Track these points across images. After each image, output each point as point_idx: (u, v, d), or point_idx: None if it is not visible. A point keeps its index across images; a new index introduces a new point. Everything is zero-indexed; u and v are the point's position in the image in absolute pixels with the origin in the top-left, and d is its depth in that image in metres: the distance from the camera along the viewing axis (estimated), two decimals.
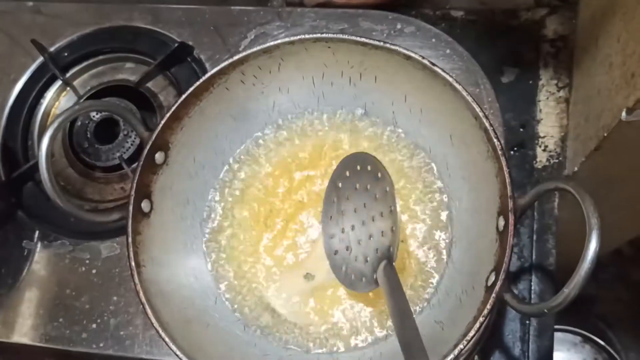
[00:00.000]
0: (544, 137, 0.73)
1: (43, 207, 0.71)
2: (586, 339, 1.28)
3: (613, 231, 0.96)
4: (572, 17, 0.76)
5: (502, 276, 0.47)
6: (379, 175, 0.53)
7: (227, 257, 0.61)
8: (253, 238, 0.61)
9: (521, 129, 0.74)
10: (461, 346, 0.46)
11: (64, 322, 0.66)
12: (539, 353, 0.67)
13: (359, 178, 0.55)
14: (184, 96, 0.56)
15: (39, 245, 0.71)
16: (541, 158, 0.73)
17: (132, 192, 0.54)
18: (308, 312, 0.58)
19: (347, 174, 0.56)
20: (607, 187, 0.73)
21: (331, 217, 0.57)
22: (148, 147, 0.56)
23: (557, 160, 0.73)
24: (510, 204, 0.48)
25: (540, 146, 0.73)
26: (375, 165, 0.53)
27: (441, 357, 0.47)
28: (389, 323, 0.56)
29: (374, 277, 0.53)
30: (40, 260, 0.70)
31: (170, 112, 0.56)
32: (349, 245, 0.56)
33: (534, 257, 0.70)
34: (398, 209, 0.51)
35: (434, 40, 0.70)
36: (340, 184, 0.57)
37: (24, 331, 0.67)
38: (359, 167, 0.55)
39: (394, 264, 0.51)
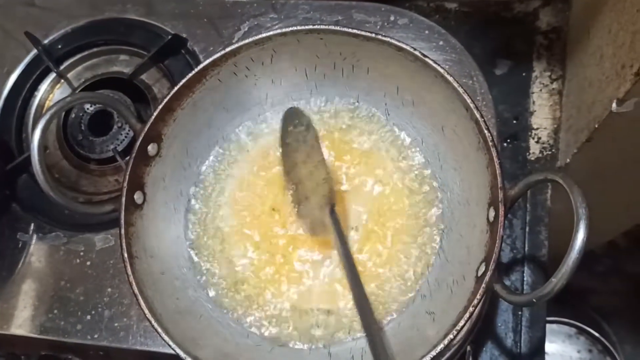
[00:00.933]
0: (537, 129, 0.74)
1: (37, 199, 0.71)
2: (581, 331, 1.28)
3: (607, 223, 0.97)
4: (566, 9, 0.76)
5: (492, 266, 0.47)
6: (307, 125, 0.55)
7: (220, 248, 0.61)
8: (246, 230, 0.61)
9: (514, 121, 0.74)
10: (451, 336, 0.47)
11: (59, 314, 0.66)
12: (530, 343, 0.67)
13: (298, 133, 0.56)
14: (176, 88, 0.57)
15: (34, 237, 0.71)
16: (534, 150, 0.73)
17: (125, 184, 0.54)
18: (299, 305, 0.58)
19: (290, 128, 0.57)
20: (600, 178, 0.74)
21: (288, 172, 0.58)
22: (140, 139, 0.56)
23: (550, 152, 0.73)
24: (501, 195, 0.49)
25: (533, 138, 0.74)
26: (303, 116, 0.55)
27: (431, 347, 0.47)
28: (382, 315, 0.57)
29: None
30: (35, 252, 0.70)
31: (163, 104, 0.56)
32: (307, 196, 0.56)
33: (526, 248, 0.70)
34: (326, 156, 0.54)
35: (427, 32, 0.70)
36: (288, 140, 0.58)
37: (19, 323, 0.67)
38: (296, 121, 0.56)
39: (335, 209, 0.54)
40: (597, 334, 1.27)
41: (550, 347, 1.28)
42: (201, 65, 0.57)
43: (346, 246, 0.51)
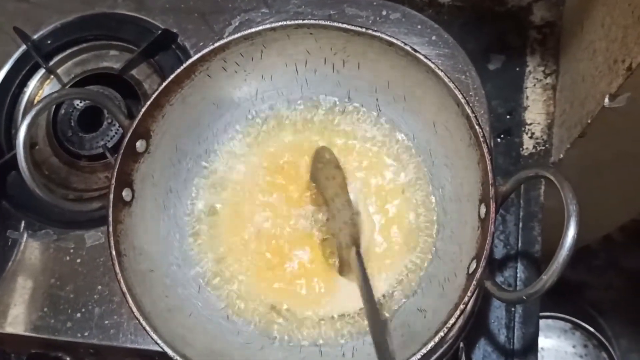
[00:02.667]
0: (530, 124, 0.73)
1: (27, 196, 0.70)
2: (576, 326, 1.29)
3: (603, 217, 0.96)
4: (559, 4, 0.75)
5: (482, 263, 0.47)
6: (337, 165, 0.55)
7: (209, 246, 0.60)
8: (236, 227, 0.60)
9: (508, 116, 0.74)
10: (442, 333, 0.46)
11: (49, 312, 0.66)
12: (524, 340, 0.67)
13: (328, 169, 0.56)
14: (164, 84, 0.56)
15: (24, 235, 0.70)
16: (527, 145, 0.73)
17: (113, 181, 0.54)
18: (291, 305, 0.58)
19: (320, 166, 0.57)
20: (594, 173, 0.73)
21: (320, 207, 0.58)
22: (129, 135, 0.55)
23: (543, 148, 0.72)
24: (492, 191, 0.48)
25: (526, 133, 0.73)
26: (332, 155, 0.55)
27: (422, 345, 0.47)
28: None
29: None
30: (25, 250, 0.69)
31: (151, 99, 0.56)
32: (335, 233, 0.56)
33: (519, 244, 0.70)
34: (350, 197, 0.54)
35: (419, 26, 0.69)
36: (318, 177, 0.58)
37: (9, 321, 0.66)
38: (327, 156, 0.56)
39: (360, 250, 0.53)
40: (592, 329, 1.27)
41: (545, 342, 1.28)
42: (190, 61, 0.56)
43: (369, 290, 0.51)
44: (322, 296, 0.58)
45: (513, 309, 0.67)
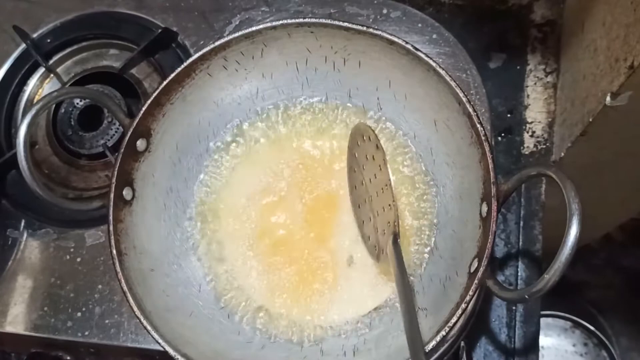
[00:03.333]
0: (531, 122, 0.73)
1: (27, 195, 0.70)
2: (576, 324, 1.29)
3: (603, 216, 0.96)
4: (560, 2, 0.75)
5: (484, 263, 0.47)
6: (377, 146, 0.52)
7: (211, 245, 0.60)
8: (237, 226, 0.60)
9: (508, 115, 0.74)
10: (443, 332, 0.46)
11: (49, 311, 0.66)
12: (525, 338, 0.67)
13: (367, 148, 0.54)
14: (165, 82, 0.56)
15: (24, 234, 0.70)
16: (528, 144, 0.73)
17: (113, 180, 0.54)
18: (291, 302, 0.58)
19: (359, 143, 0.55)
20: (594, 172, 0.73)
21: (355, 186, 0.57)
22: (129, 134, 0.55)
23: (544, 146, 0.72)
24: (493, 190, 0.48)
25: (527, 132, 0.73)
26: (374, 136, 0.52)
27: (423, 344, 0.47)
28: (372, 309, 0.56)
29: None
30: (25, 249, 0.69)
31: (151, 98, 0.56)
32: (371, 216, 0.55)
33: (520, 243, 0.69)
34: (391, 181, 0.51)
35: (420, 25, 0.69)
36: (356, 154, 0.56)
37: (9, 320, 0.66)
38: (364, 137, 0.54)
39: (398, 240, 0.51)
40: (592, 328, 1.27)
41: (545, 341, 1.28)
42: (190, 60, 0.56)
43: (406, 279, 0.48)
44: (325, 303, 0.57)
45: (514, 307, 0.67)
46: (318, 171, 0.61)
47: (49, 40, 0.77)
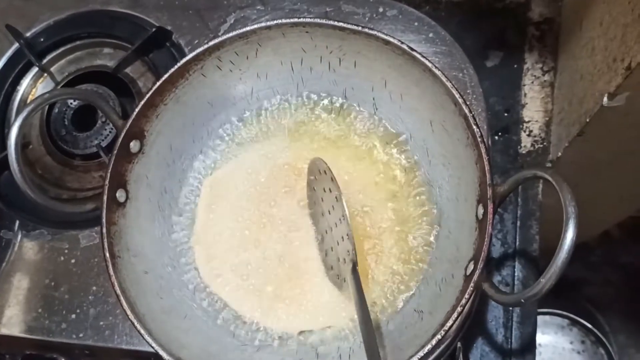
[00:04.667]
0: (528, 121, 0.73)
1: (21, 196, 0.69)
2: (574, 322, 1.28)
3: (601, 215, 0.96)
4: (558, 0, 0.75)
5: (480, 265, 0.46)
6: (332, 179, 0.53)
7: (205, 247, 0.60)
8: (231, 228, 0.60)
9: (505, 114, 0.73)
10: (439, 336, 0.46)
11: (43, 313, 0.65)
12: (521, 339, 0.67)
13: (323, 181, 0.55)
14: (158, 83, 0.55)
15: (18, 235, 0.69)
16: (525, 143, 0.72)
17: (106, 182, 0.53)
18: (283, 306, 0.57)
19: (316, 177, 0.56)
20: (592, 171, 0.73)
21: (318, 219, 0.58)
22: (122, 135, 0.54)
23: (541, 145, 0.72)
24: (489, 192, 0.48)
25: (524, 131, 0.73)
26: (328, 169, 0.53)
27: (419, 347, 0.46)
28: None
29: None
30: (19, 250, 0.69)
31: (144, 100, 0.55)
32: (333, 247, 0.55)
33: (517, 243, 0.69)
34: (347, 213, 0.52)
35: (416, 23, 0.69)
36: (314, 187, 0.57)
37: (3, 322, 0.66)
38: (320, 171, 0.55)
39: (357, 268, 0.52)
40: (590, 325, 1.27)
41: (543, 338, 1.28)
42: (184, 60, 0.56)
43: (364, 307, 0.49)
44: (318, 308, 0.57)
45: (511, 308, 0.67)
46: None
47: (42, 39, 0.76)
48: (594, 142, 0.62)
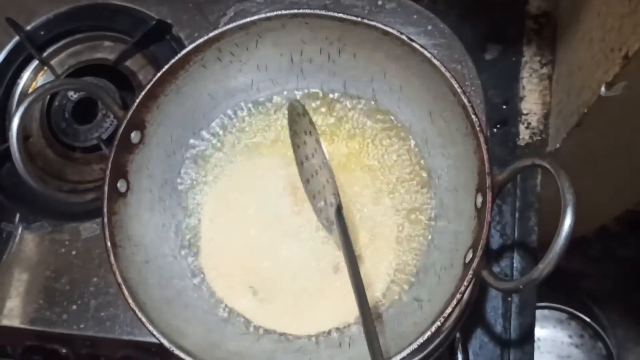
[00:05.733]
0: (526, 114, 0.73)
1: (21, 188, 0.70)
2: (572, 316, 1.29)
3: (599, 208, 0.96)
4: None
5: (479, 253, 0.47)
6: (310, 121, 0.53)
7: (206, 237, 0.60)
8: (232, 218, 0.60)
9: (504, 106, 0.74)
10: (438, 323, 0.46)
11: (44, 304, 0.66)
12: (520, 329, 0.67)
13: (303, 124, 0.55)
14: (158, 74, 0.56)
15: (19, 227, 0.70)
16: (524, 135, 0.73)
17: (107, 172, 0.53)
18: (285, 295, 0.58)
19: (296, 119, 0.56)
20: (590, 163, 0.73)
21: (302, 162, 0.57)
22: (123, 126, 0.55)
23: (539, 138, 0.72)
24: (488, 181, 0.48)
25: (523, 123, 0.73)
26: (305, 112, 0.53)
27: (418, 335, 0.47)
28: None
29: None
30: (20, 242, 0.69)
31: (145, 90, 0.55)
32: (319, 190, 0.56)
33: (516, 234, 0.70)
34: (327, 157, 0.52)
35: (415, 16, 0.69)
36: (296, 129, 0.56)
37: (4, 313, 0.66)
38: (299, 113, 0.54)
39: (341, 210, 0.53)
40: (588, 319, 1.27)
41: (541, 332, 1.28)
42: (184, 51, 0.56)
43: (350, 248, 0.50)
44: (318, 309, 0.57)
45: (510, 298, 0.68)
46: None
47: (42, 33, 0.76)
48: (592, 133, 0.62)
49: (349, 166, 0.60)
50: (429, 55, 0.52)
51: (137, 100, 0.55)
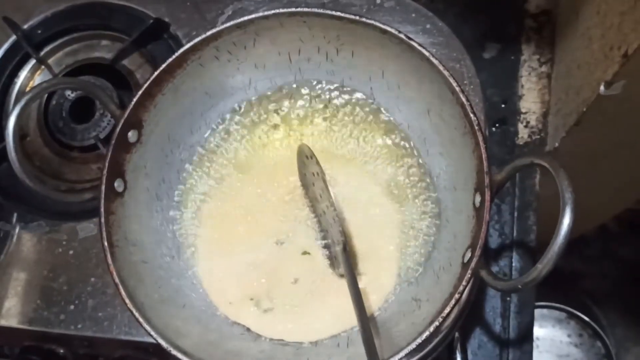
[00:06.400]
0: (525, 113, 0.73)
1: (19, 188, 0.70)
2: (571, 315, 1.29)
3: (598, 207, 0.96)
4: None
5: (477, 252, 0.47)
6: (317, 164, 0.53)
7: (203, 237, 0.60)
8: (229, 217, 0.60)
9: (503, 105, 0.74)
10: (437, 323, 0.46)
11: (42, 304, 0.65)
12: (519, 329, 0.67)
13: (311, 166, 0.55)
14: (156, 73, 0.55)
15: (16, 227, 0.69)
16: (522, 134, 0.72)
17: (105, 172, 0.53)
18: (284, 295, 0.58)
19: (304, 162, 0.56)
20: (589, 162, 0.73)
21: (314, 203, 0.58)
22: (120, 125, 0.54)
23: (538, 137, 0.72)
24: (487, 180, 0.48)
25: (521, 122, 0.73)
26: (312, 155, 0.54)
27: (417, 334, 0.46)
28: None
29: None
30: (17, 242, 0.69)
31: (142, 89, 0.55)
32: (328, 229, 0.56)
33: (514, 233, 0.69)
34: (333, 198, 0.53)
35: (414, 15, 0.69)
36: (305, 173, 0.57)
37: (2, 313, 0.66)
38: (307, 156, 0.55)
39: (347, 248, 0.53)
40: (587, 319, 1.28)
41: (540, 331, 1.28)
42: (181, 50, 0.56)
43: (356, 286, 0.50)
44: (317, 318, 0.57)
45: (508, 298, 0.67)
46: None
47: (39, 32, 0.76)
48: (591, 132, 0.62)
49: (349, 166, 0.60)
50: (427, 53, 0.52)
51: (135, 99, 0.55)
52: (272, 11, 0.56)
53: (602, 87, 0.52)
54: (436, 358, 0.61)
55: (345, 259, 0.52)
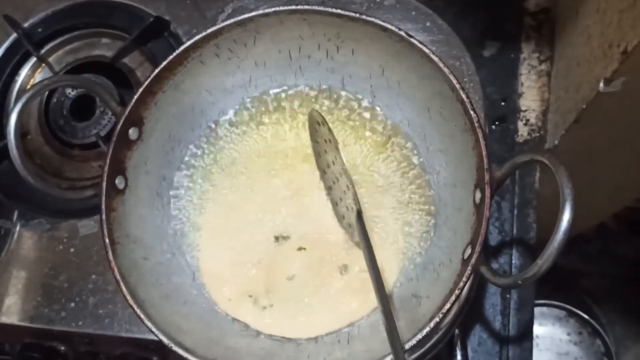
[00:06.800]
0: (525, 110, 0.73)
1: (20, 185, 0.70)
2: (571, 313, 1.29)
3: (597, 205, 0.96)
4: None
5: (477, 249, 0.47)
6: (329, 130, 0.54)
7: (204, 233, 0.60)
8: (230, 215, 0.60)
9: (502, 103, 0.74)
10: (437, 319, 0.46)
11: (43, 301, 0.65)
12: (519, 326, 0.67)
13: (323, 133, 0.55)
14: (156, 71, 0.55)
15: (17, 224, 0.70)
16: (522, 132, 0.73)
17: (105, 169, 0.53)
18: (285, 292, 0.58)
19: (316, 129, 0.56)
20: (589, 160, 0.73)
21: (324, 171, 0.58)
22: (121, 122, 0.55)
23: (538, 134, 0.72)
24: (487, 177, 0.48)
25: (521, 120, 0.73)
26: (324, 121, 0.54)
27: (417, 331, 0.47)
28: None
29: None
30: (18, 239, 0.69)
31: (143, 87, 0.55)
32: (341, 196, 0.56)
33: (514, 231, 0.70)
34: (346, 165, 0.54)
35: (414, 13, 0.69)
36: (317, 140, 0.57)
37: (2, 311, 0.66)
38: (319, 123, 0.55)
39: (361, 215, 0.53)
40: (587, 317, 1.28)
41: (540, 329, 1.28)
42: (182, 47, 0.56)
43: (371, 251, 0.50)
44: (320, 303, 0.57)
45: (508, 295, 0.68)
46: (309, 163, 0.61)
47: (40, 30, 0.76)
48: (591, 130, 0.62)
49: (349, 166, 0.60)
50: (427, 51, 0.52)
51: (135, 97, 0.55)
52: (273, 9, 0.56)
53: (601, 85, 0.52)
54: (436, 355, 0.61)
55: (360, 224, 0.52)
